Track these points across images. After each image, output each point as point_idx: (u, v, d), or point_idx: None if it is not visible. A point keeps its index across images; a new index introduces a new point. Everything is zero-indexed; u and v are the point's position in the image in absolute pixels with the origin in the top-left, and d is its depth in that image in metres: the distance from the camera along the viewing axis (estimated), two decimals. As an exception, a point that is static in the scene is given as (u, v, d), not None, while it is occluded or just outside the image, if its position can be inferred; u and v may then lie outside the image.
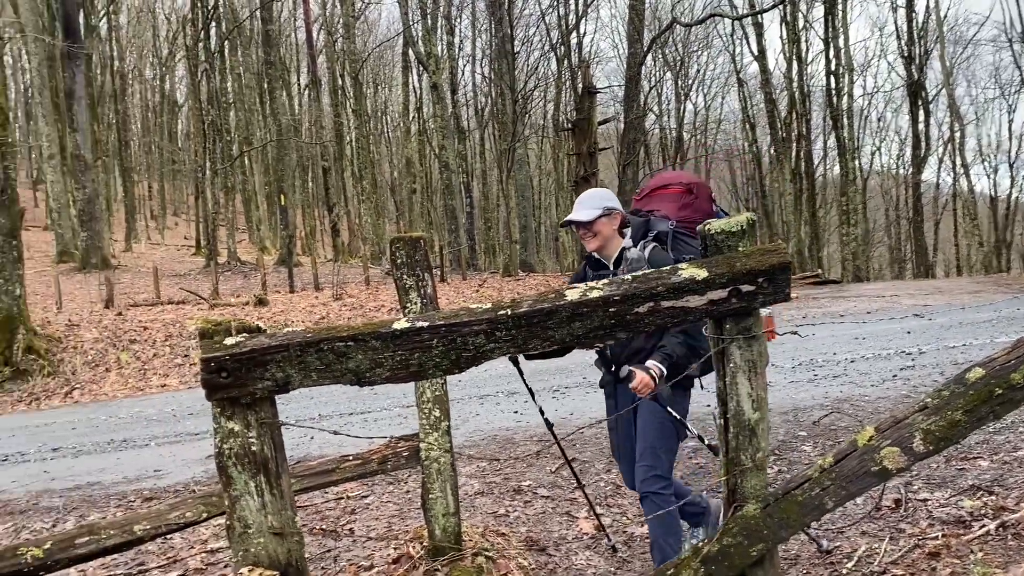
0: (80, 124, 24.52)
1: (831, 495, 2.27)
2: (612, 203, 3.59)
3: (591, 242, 3.55)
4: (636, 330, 2.33)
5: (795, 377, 7.62)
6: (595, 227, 3.52)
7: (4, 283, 13.53)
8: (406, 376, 2.35)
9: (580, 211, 3.55)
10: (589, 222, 3.52)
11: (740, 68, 39.01)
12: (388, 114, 49.54)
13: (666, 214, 3.62)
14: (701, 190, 3.76)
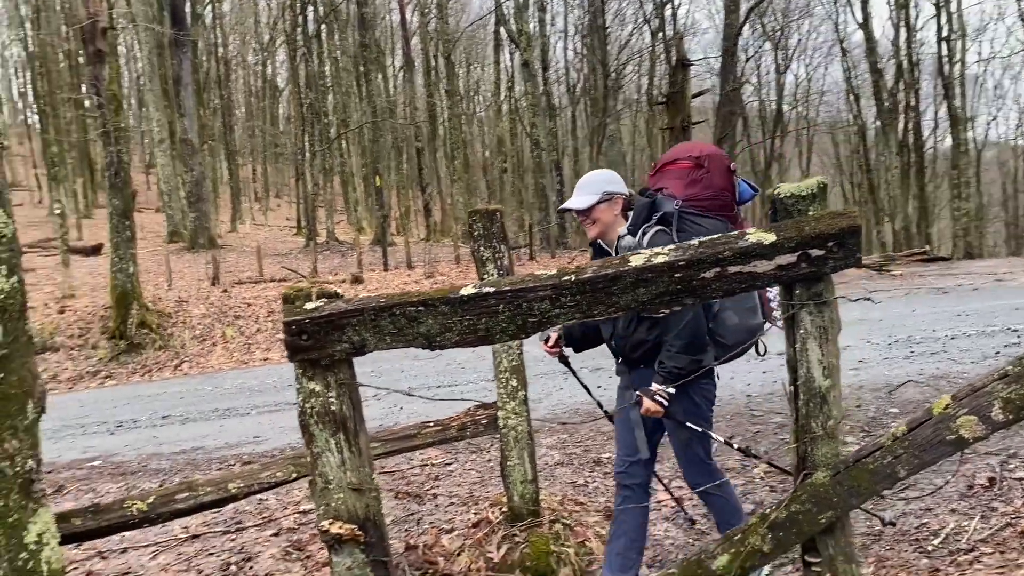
0: (187, 109, 25.63)
1: (903, 464, 2.23)
2: (614, 187, 3.36)
3: (591, 229, 3.35)
4: (704, 296, 2.32)
5: (890, 354, 7.37)
6: (594, 214, 3.31)
7: (119, 261, 14.35)
8: (474, 340, 2.42)
9: (578, 197, 3.34)
10: (587, 209, 3.31)
11: (843, 37, 37.48)
12: (480, 93, 49.82)
13: (673, 192, 3.30)
14: (714, 162, 3.37)
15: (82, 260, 21.97)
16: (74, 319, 15.30)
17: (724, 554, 2.37)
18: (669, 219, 3.19)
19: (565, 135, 38.92)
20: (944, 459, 2.23)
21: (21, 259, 3.05)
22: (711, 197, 3.28)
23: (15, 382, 2.88)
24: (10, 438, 2.85)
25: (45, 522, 3.00)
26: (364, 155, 37.52)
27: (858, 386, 6.13)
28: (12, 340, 2.89)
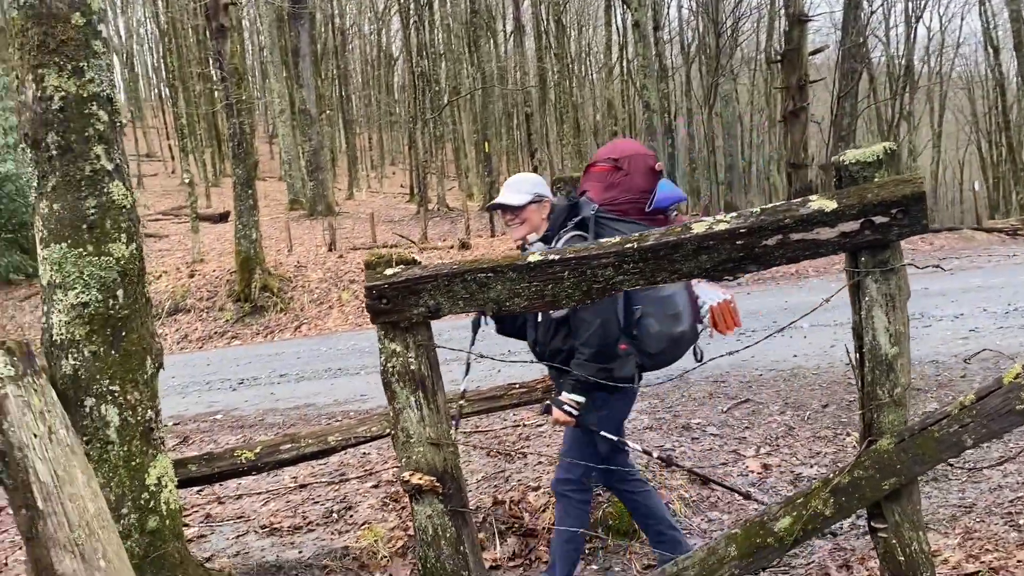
0: (306, 80, 26.52)
1: (971, 433, 2.20)
2: (543, 190, 3.33)
3: (518, 229, 3.29)
4: (767, 263, 2.34)
5: (1007, 323, 7.00)
6: (524, 213, 3.27)
7: (243, 228, 15.15)
8: (541, 305, 2.52)
9: (510, 195, 3.29)
10: (519, 207, 3.26)
11: (983, -17, 34.87)
12: (591, 56, 49.24)
13: (592, 196, 3.27)
14: (634, 164, 3.27)
15: (210, 227, 23.26)
16: (203, 283, 16.29)
17: (786, 516, 2.40)
18: (587, 223, 3.16)
19: (679, 97, 38.05)
20: (1014, 428, 2.19)
21: (140, 228, 3.35)
22: (630, 200, 3.22)
23: (135, 340, 3.19)
24: (132, 390, 3.17)
25: (164, 467, 3.32)
26: (475, 121, 37.87)
27: (965, 355, 5.89)
28: (132, 302, 3.20)
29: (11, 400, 1.64)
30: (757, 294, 10.87)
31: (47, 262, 3.10)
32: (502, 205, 3.29)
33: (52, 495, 1.67)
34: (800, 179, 20.11)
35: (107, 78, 3.18)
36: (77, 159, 3.06)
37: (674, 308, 3.17)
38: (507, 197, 3.28)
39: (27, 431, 1.65)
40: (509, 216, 3.30)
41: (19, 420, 1.64)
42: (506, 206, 3.27)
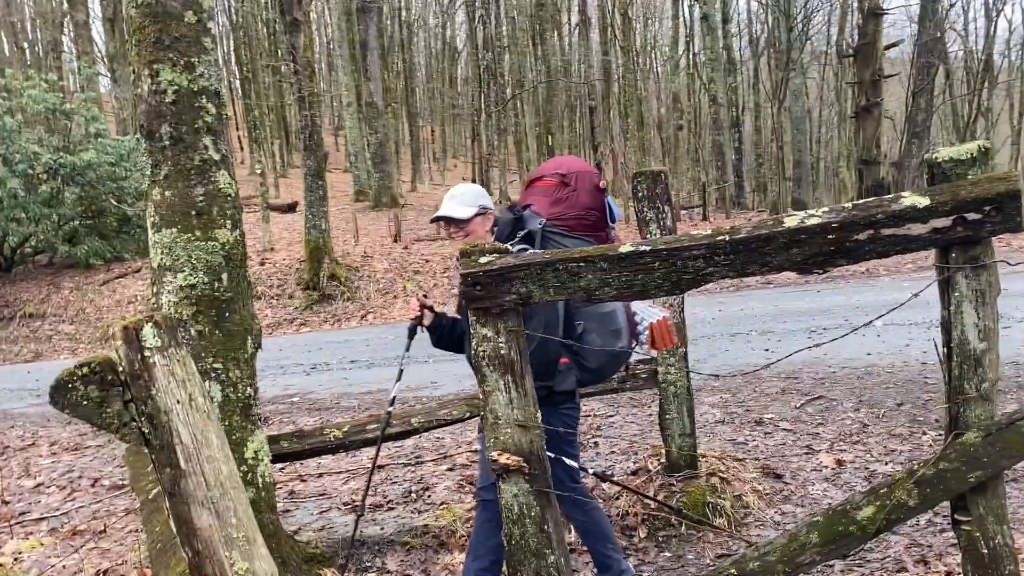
0: (373, 73, 26.92)
1: (1060, 429, 2.22)
2: (487, 201, 3.27)
3: (457, 244, 3.11)
4: (856, 258, 2.39)
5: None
6: (469, 226, 3.17)
7: (312, 218, 15.51)
8: (631, 295, 2.61)
9: (454, 207, 3.19)
10: (465, 220, 3.17)
11: (1068, -26, 33.50)
12: (657, 49, 48.80)
13: (538, 210, 3.22)
14: (581, 180, 3.27)
15: (279, 216, 23.84)
16: (273, 271, 16.74)
17: (870, 506, 2.45)
18: (533, 237, 3.12)
19: (746, 90, 37.52)
20: (1105, 426, 2.20)
21: (242, 216, 3.54)
22: (576, 216, 3.21)
23: (238, 321, 3.38)
24: (233, 368, 3.36)
25: (260, 441, 3.51)
26: (538, 114, 37.93)
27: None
28: (235, 285, 3.39)
29: (158, 368, 1.80)
30: (827, 292, 10.75)
31: (158, 246, 3.30)
32: (446, 218, 3.19)
33: (192, 456, 1.82)
34: (871, 176, 19.70)
35: (215, 73, 3.37)
36: (187, 149, 3.26)
37: (615, 324, 3.14)
38: (452, 209, 3.18)
39: (171, 397, 1.81)
40: (454, 229, 3.21)
41: (165, 387, 1.80)
42: (451, 219, 3.18)
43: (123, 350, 1.82)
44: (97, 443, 7.03)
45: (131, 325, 1.81)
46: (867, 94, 19.68)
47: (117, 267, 19.91)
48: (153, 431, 1.82)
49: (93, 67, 26.88)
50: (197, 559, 1.84)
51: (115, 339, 1.84)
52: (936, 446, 4.43)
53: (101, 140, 19.66)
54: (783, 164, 33.73)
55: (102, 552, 4.44)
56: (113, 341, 1.86)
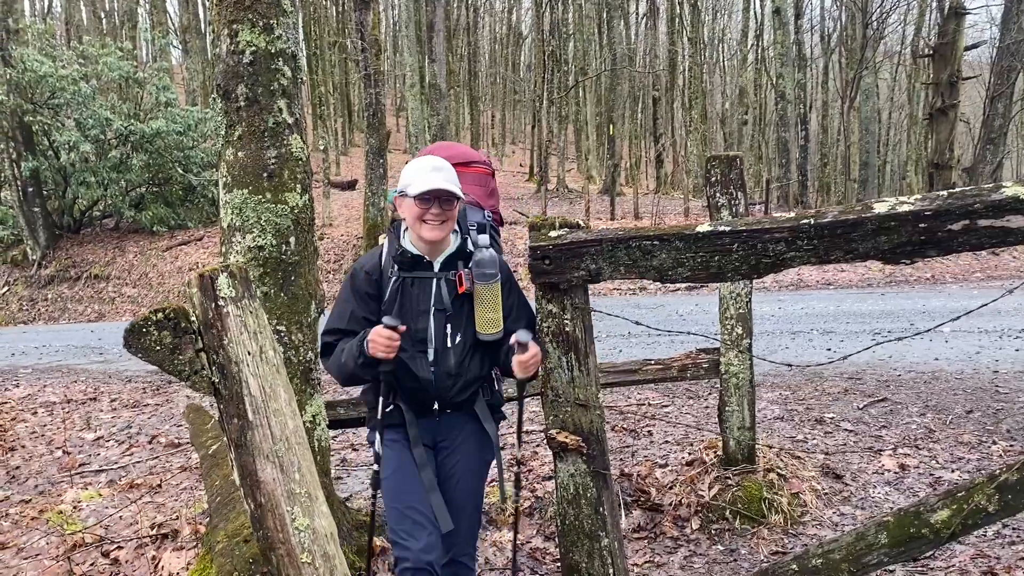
0: (438, 55, 26.93)
1: None
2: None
3: (441, 229, 2.59)
4: (947, 250, 2.28)
5: None
6: (456, 209, 2.64)
7: (372, 196, 15.64)
8: (705, 277, 2.53)
9: (450, 180, 2.60)
10: (458, 199, 2.62)
11: None
12: (725, 42, 48.01)
13: (477, 200, 2.89)
14: (492, 170, 3.07)
15: (339, 193, 24.10)
16: (331, 246, 16.93)
17: (945, 509, 2.35)
18: (483, 228, 2.81)
19: (815, 87, 36.70)
20: None
21: (311, 182, 3.54)
22: (498, 213, 3.02)
23: (303, 285, 3.39)
24: (296, 331, 3.38)
25: (318, 406, 3.53)
26: (600, 103, 37.63)
27: None
28: (302, 249, 3.39)
29: (231, 319, 1.79)
30: (891, 296, 10.45)
31: (228, 206, 3.32)
32: (447, 192, 2.56)
33: (260, 409, 1.82)
34: (942, 181, 19.10)
35: (292, 36, 3.37)
36: (262, 111, 3.26)
37: None
38: (449, 183, 2.58)
39: (243, 348, 1.80)
40: (440, 210, 2.57)
41: (237, 338, 1.80)
42: (453, 195, 2.58)
43: (198, 298, 1.81)
44: (156, 401, 7.19)
45: (207, 273, 1.81)
46: (943, 96, 19.04)
47: (180, 234, 20.35)
48: (223, 380, 1.82)
49: (166, 38, 27.43)
50: (259, 512, 1.84)
51: (191, 287, 1.84)
52: (1007, 457, 4.26)
53: (171, 109, 20.09)
54: (849, 165, 32.95)
55: (157, 506, 4.53)
56: (189, 289, 1.86)
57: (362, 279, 2.69)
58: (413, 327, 2.61)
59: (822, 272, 13.49)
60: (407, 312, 2.62)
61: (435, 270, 2.67)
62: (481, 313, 2.66)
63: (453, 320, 2.66)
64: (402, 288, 2.63)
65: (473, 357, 2.71)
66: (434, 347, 2.65)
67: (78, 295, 19.34)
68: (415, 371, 2.64)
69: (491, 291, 2.66)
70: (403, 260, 2.65)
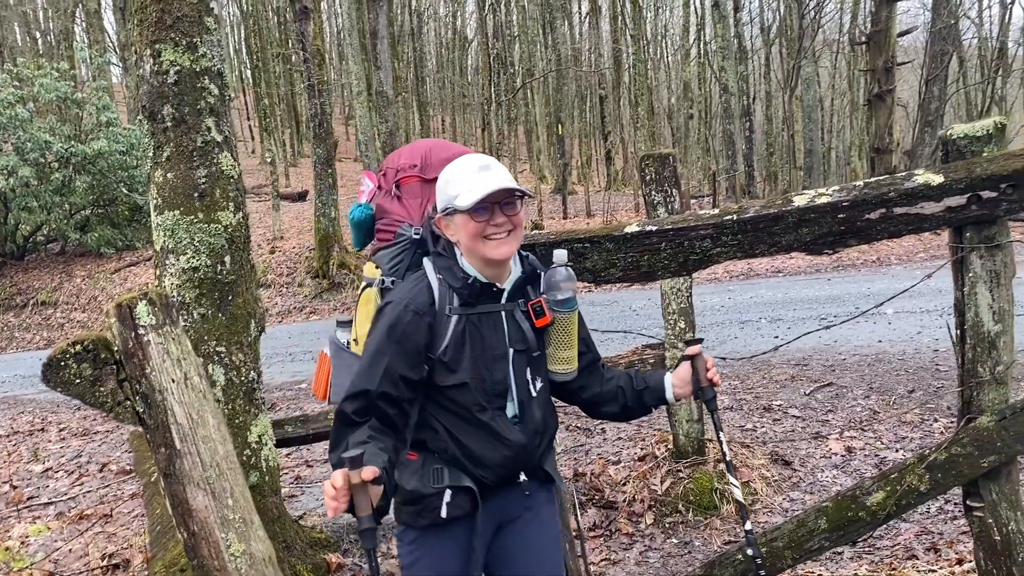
0: (383, 62, 26.79)
1: (1077, 412, 2.17)
2: None
3: (511, 241, 1.98)
4: (867, 238, 2.34)
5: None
6: (520, 215, 2.01)
7: (322, 207, 15.50)
8: (637, 276, 2.56)
9: (508, 177, 2.00)
10: (521, 196, 1.99)
11: (1085, -40, 33.04)
12: (668, 37, 48.51)
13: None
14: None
15: (289, 205, 23.82)
16: (283, 259, 16.74)
17: (880, 491, 2.41)
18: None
19: (757, 79, 37.26)
20: (1123, 410, 2.15)
21: (245, 199, 3.51)
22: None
23: (241, 304, 3.35)
24: (237, 352, 3.34)
25: (264, 425, 3.49)
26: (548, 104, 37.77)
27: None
28: (238, 268, 3.36)
29: (153, 347, 1.77)
30: (838, 280, 10.65)
31: (160, 228, 3.27)
32: (511, 192, 1.96)
33: (188, 436, 1.79)
34: (884, 165, 19.51)
35: (218, 53, 3.33)
36: (190, 131, 3.22)
37: None
38: (511, 180, 1.99)
39: (167, 375, 1.78)
40: (510, 213, 1.97)
41: (160, 366, 1.77)
42: (519, 193, 1.98)
43: (117, 328, 1.79)
44: (106, 428, 7.04)
45: (125, 303, 1.78)
46: (880, 81, 19.46)
47: (128, 255, 19.98)
48: (148, 410, 1.79)
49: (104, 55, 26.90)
50: (192, 540, 1.82)
51: (109, 317, 1.81)
52: (948, 433, 4.37)
53: (112, 129, 19.69)
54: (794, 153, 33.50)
55: (108, 536, 4.45)
56: (108, 319, 1.83)
57: (410, 322, 1.94)
58: (488, 379, 1.99)
59: (771, 260, 13.69)
60: (479, 360, 1.98)
61: (503, 300, 2.05)
62: (557, 348, 2.10)
63: (536, 362, 2.08)
64: (467, 329, 1.98)
65: (551, 405, 2.19)
66: (517, 399, 2.04)
67: (25, 323, 18.86)
68: (504, 434, 2.00)
69: (572, 320, 2.09)
70: (471, 291, 2.00)
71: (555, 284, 2.07)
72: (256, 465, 3.40)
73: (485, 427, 1.99)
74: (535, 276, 2.11)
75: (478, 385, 1.98)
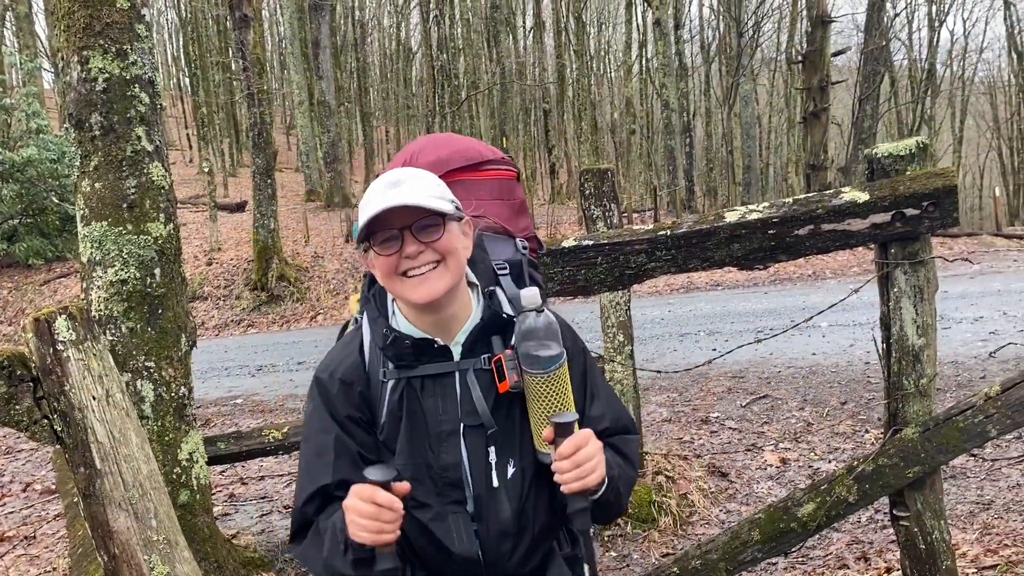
0: (325, 72, 26.63)
1: (995, 423, 2.24)
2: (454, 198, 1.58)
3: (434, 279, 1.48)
4: (797, 253, 2.39)
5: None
6: (446, 237, 1.50)
7: (261, 217, 15.24)
8: (574, 290, 2.57)
9: (418, 192, 1.48)
10: (441, 215, 1.49)
11: (1008, -12, 34.60)
12: (611, 54, 49.16)
13: (502, 224, 1.81)
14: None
15: (228, 216, 23.39)
16: (220, 271, 16.41)
17: (810, 502, 2.45)
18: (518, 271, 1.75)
19: (698, 96, 37.97)
20: (1038, 421, 2.23)
21: (176, 210, 3.43)
22: (535, 235, 1.95)
23: (171, 317, 3.27)
24: (167, 367, 3.25)
25: (195, 442, 3.40)
26: (492, 117, 37.91)
27: (983, 358, 5.91)
28: (169, 280, 3.27)
29: (72, 363, 1.71)
30: (775, 294, 10.89)
31: (87, 240, 3.18)
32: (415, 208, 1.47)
33: (109, 455, 1.73)
34: (819, 181, 20.04)
35: (149, 61, 3.26)
36: (119, 140, 3.14)
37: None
38: (417, 195, 1.48)
39: (87, 393, 1.71)
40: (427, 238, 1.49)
41: (80, 382, 1.71)
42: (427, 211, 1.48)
43: (34, 343, 1.72)
44: (31, 446, 6.78)
45: (43, 317, 1.71)
46: (815, 100, 20.02)
47: (58, 267, 19.37)
48: (66, 429, 1.73)
49: (35, 60, 26.12)
50: (113, 564, 1.76)
51: (26, 332, 1.74)
52: (878, 444, 4.49)
53: (43, 136, 19.11)
54: (733, 169, 34.23)
55: (31, 559, 4.27)
56: (25, 334, 1.76)
57: (337, 394, 1.56)
58: (435, 464, 1.54)
59: (711, 273, 13.93)
60: (420, 440, 1.54)
61: (455, 357, 1.56)
62: (538, 421, 1.52)
63: (499, 440, 1.56)
64: (406, 399, 1.54)
65: (539, 495, 1.59)
66: (473, 492, 1.56)
67: (-53, 336, 18.12)
68: (446, 543, 1.54)
69: (552, 382, 1.49)
70: (400, 350, 1.54)
71: (530, 336, 1.49)
72: (187, 483, 3.31)
73: (427, 532, 1.54)
74: (503, 322, 1.57)
75: (422, 473, 1.53)
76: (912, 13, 37.77)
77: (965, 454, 3.75)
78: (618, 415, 1.67)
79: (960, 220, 2.31)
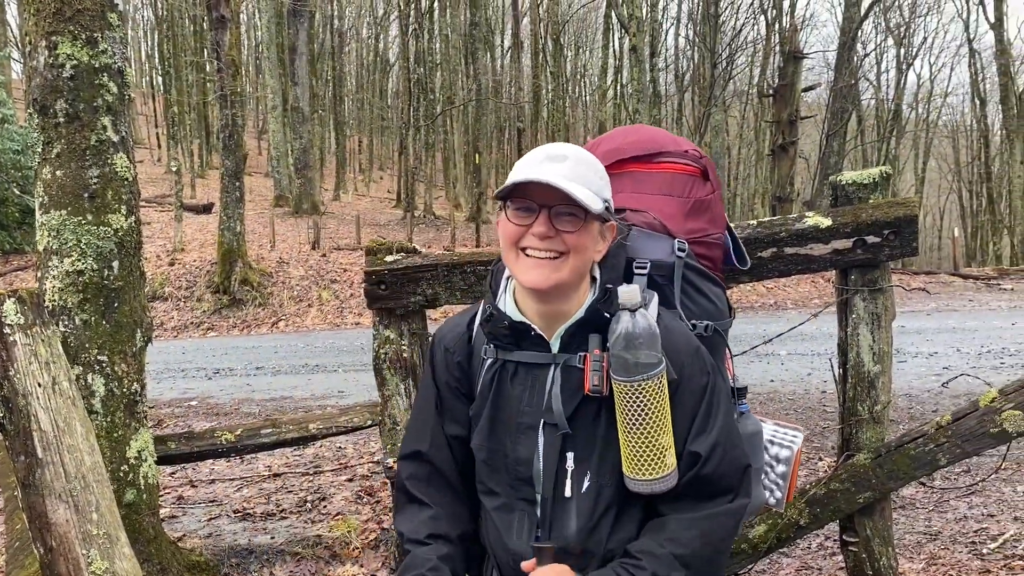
0: (300, 79, 26.53)
1: (945, 452, 2.27)
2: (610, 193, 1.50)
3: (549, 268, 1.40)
4: (759, 276, 2.40)
5: (979, 363, 7.16)
6: (580, 233, 1.41)
7: (227, 220, 15.08)
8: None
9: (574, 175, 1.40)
10: (585, 211, 1.39)
11: (974, 36, 35.62)
12: (586, 77, 49.62)
13: (662, 221, 1.68)
14: (714, 173, 1.84)
15: (194, 217, 23.12)
16: (183, 272, 16.19)
17: (762, 524, 2.46)
18: (667, 274, 1.62)
19: (670, 124, 38.42)
20: (986, 450, 2.27)
21: (139, 203, 3.37)
22: (719, 244, 1.82)
23: (127, 312, 3.20)
24: (120, 362, 3.18)
25: (145, 440, 3.32)
26: (466, 132, 38.01)
27: (936, 391, 6.01)
28: (127, 274, 3.21)
29: (19, 348, 1.66)
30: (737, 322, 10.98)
31: (45, 228, 3.11)
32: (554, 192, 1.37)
33: (51, 445, 1.69)
34: (784, 213, 20.35)
35: (120, 51, 3.21)
36: (84, 128, 3.08)
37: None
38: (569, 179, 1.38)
39: (32, 379, 1.67)
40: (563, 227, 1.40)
41: (25, 368, 1.67)
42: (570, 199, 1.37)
43: (-20, 326, 1.67)
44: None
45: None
46: (784, 133, 20.37)
47: (16, 259, 18.96)
48: (8, 415, 1.68)
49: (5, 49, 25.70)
50: (50, 556, 1.70)
51: (-28, 314, 1.70)
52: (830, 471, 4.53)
53: (8, 126, 18.77)
54: (702, 197, 34.56)
55: (-34, 555, 4.14)
56: (-29, 316, 1.72)
57: (440, 360, 1.58)
58: (511, 454, 1.47)
59: (675, 299, 14.05)
60: (501, 426, 1.49)
61: (552, 350, 1.47)
62: (628, 438, 1.39)
63: (579, 447, 1.45)
64: (497, 381, 1.49)
65: (618, 523, 1.46)
66: (542, 496, 1.46)
67: None
68: (504, 536, 1.48)
69: (639, 394, 1.36)
70: (496, 330, 1.48)
71: (620, 338, 1.36)
72: (134, 482, 3.23)
73: (489, 518, 1.49)
74: (604, 320, 1.44)
75: (497, 461, 1.47)
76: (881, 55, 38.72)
77: (915, 485, 3.81)
78: (722, 473, 1.44)
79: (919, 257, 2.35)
